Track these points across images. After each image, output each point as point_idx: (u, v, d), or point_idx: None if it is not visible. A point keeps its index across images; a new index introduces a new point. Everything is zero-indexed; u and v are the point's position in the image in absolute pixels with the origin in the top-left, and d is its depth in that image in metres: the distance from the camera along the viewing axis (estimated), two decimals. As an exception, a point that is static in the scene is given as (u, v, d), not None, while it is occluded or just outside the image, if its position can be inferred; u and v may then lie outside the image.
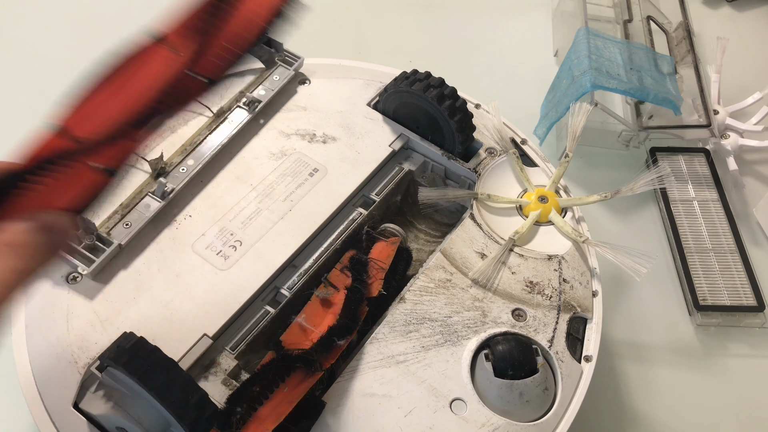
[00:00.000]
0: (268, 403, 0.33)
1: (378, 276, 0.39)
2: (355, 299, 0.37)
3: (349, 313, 0.37)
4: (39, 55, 0.66)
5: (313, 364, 0.34)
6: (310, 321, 0.37)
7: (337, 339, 0.35)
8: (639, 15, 0.63)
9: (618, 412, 0.48)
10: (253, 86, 0.49)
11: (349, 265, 0.39)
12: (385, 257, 0.40)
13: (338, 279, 0.39)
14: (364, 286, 0.38)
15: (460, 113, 0.45)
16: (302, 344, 0.35)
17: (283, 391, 0.33)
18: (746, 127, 0.59)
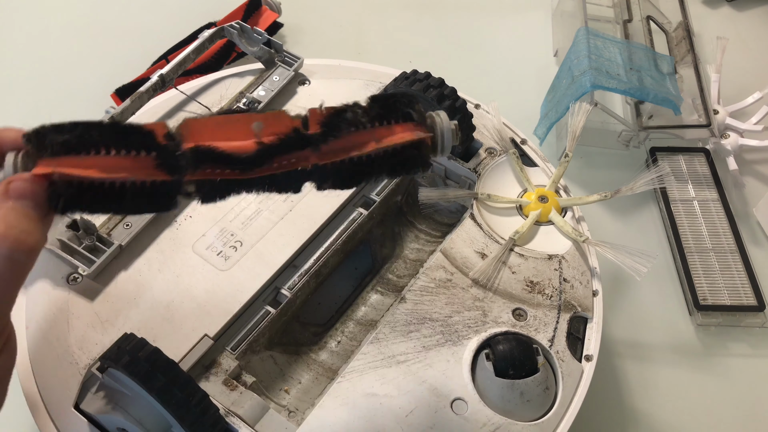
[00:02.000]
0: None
1: (352, 146, 0.28)
2: (292, 139, 0.28)
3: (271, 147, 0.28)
4: (38, 55, 0.66)
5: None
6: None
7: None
8: (639, 15, 0.63)
9: (619, 411, 0.48)
10: (252, 87, 0.49)
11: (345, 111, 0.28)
12: (391, 133, 0.29)
13: (318, 115, 0.28)
14: (320, 137, 0.28)
15: (459, 113, 0.45)
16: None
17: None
18: (746, 127, 0.59)
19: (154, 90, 0.46)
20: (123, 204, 0.26)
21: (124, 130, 0.26)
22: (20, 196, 0.24)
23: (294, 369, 0.41)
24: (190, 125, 0.27)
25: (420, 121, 0.29)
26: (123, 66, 0.62)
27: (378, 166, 0.28)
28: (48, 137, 0.25)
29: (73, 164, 0.25)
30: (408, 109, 0.28)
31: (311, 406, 0.37)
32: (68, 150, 0.25)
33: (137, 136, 0.26)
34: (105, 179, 0.25)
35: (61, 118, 0.61)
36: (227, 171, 0.27)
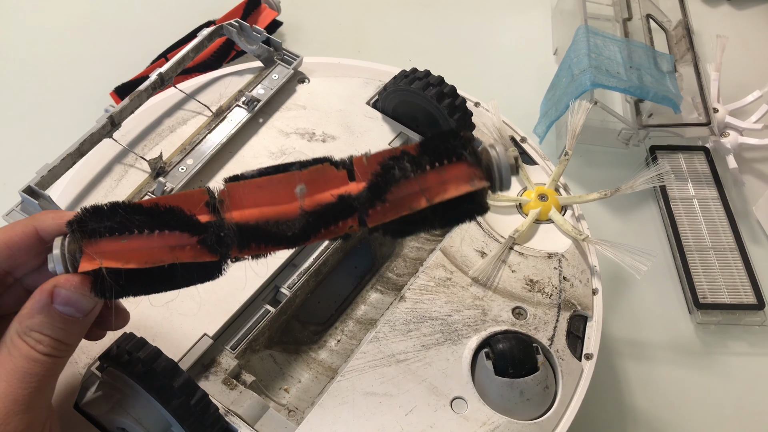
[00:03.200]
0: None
1: (401, 206, 0.26)
2: (337, 207, 0.26)
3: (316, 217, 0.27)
4: (38, 53, 0.65)
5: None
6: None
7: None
8: (638, 13, 0.63)
9: (618, 410, 0.48)
10: (252, 85, 0.49)
11: (387, 165, 0.27)
12: (443, 190, 0.26)
13: (363, 165, 0.27)
14: (366, 202, 0.26)
15: (459, 112, 0.45)
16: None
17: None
18: (746, 125, 0.59)
19: (153, 88, 0.46)
20: (173, 284, 0.26)
21: (165, 214, 0.26)
22: (65, 303, 0.26)
23: (294, 368, 0.41)
24: (231, 192, 0.26)
25: (474, 162, 0.26)
26: (122, 64, 0.62)
27: (430, 222, 0.27)
28: (90, 225, 0.26)
29: (117, 251, 0.25)
30: (461, 151, 0.26)
31: (311, 405, 0.37)
32: (112, 234, 0.25)
33: (177, 220, 0.26)
34: (149, 267, 0.25)
35: (61, 117, 0.61)
36: (274, 247, 0.26)
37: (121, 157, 0.45)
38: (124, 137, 0.46)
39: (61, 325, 0.26)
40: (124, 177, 0.44)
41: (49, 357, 0.26)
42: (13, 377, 0.25)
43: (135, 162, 0.45)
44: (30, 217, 0.28)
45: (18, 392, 0.25)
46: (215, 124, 0.47)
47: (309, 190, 0.26)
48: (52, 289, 0.26)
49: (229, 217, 0.26)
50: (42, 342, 0.26)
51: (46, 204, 0.40)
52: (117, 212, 0.26)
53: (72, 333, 0.27)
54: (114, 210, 0.26)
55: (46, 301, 0.26)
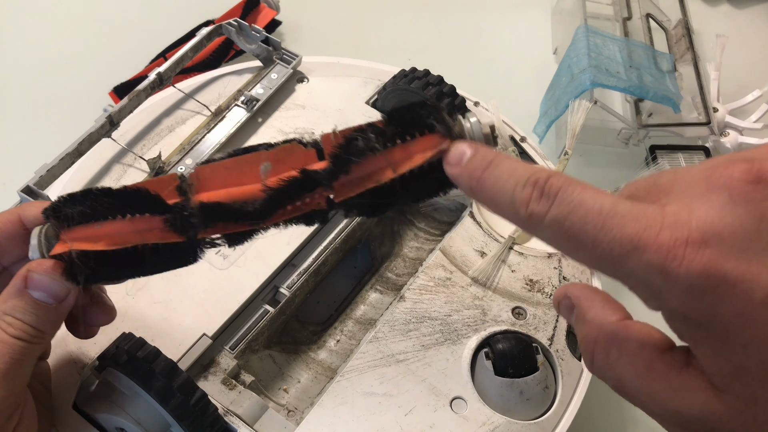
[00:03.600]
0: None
1: (367, 178, 0.25)
2: (300, 182, 0.26)
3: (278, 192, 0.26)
4: (37, 53, 0.65)
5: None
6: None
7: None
8: (638, 12, 0.63)
9: (618, 409, 0.48)
10: (251, 85, 0.49)
11: (356, 136, 0.26)
12: (409, 160, 0.25)
13: (330, 144, 0.27)
14: (329, 175, 0.26)
15: (459, 111, 0.45)
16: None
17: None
18: (746, 125, 0.59)
19: (152, 88, 0.46)
20: (144, 267, 0.26)
21: (131, 195, 0.26)
22: (37, 287, 0.26)
23: (293, 368, 0.41)
24: (199, 174, 0.26)
25: (446, 133, 0.25)
26: (121, 64, 0.62)
27: (401, 196, 0.25)
28: (63, 210, 0.26)
29: (89, 236, 0.26)
30: (430, 120, 0.25)
31: (310, 406, 0.37)
32: (85, 219, 0.26)
33: (143, 200, 0.26)
34: (118, 249, 0.25)
35: (60, 117, 0.60)
36: (239, 224, 0.26)
37: (119, 156, 0.45)
38: (123, 137, 0.46)
39: (33, 311, 0.26)
40: (123, 177, 0.44)
41: (19, 341, 0.26)
42: None
43: (134, 162, 0.45)
44: (16, 207, 0.29)
45: None
46: (214, 124, 0.47)
47: (274, 168, 0.26)
48: (26, 273, 0.26)
49: (197, 199, 0.26)
50: (13, 325, 0.26)
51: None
52: (88, 196, 0.26)
53: (45, 320, 0.27)
54: (86, 194, 0.26)
55: (20, 285, 0.26)
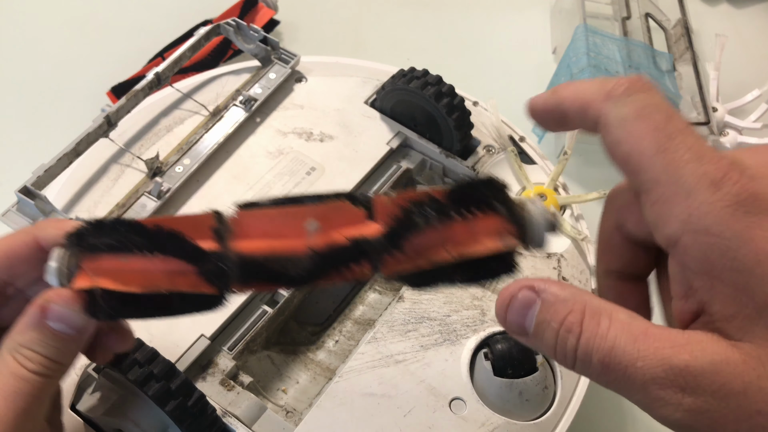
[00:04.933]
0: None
1: (420, 257, 0.24)
2: (349, 251, 0.24)
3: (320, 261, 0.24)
4: (34, 52, 0.65)
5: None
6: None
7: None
8: (637, 12, 0.63)
9: (618, 410, 0.47)
10: (249, 84, 0.49)
11: (418, 204, 0.24)
12: (469, 245, 0.24)
13: (385, 206, 0.25)
14: (381, 249, 0.24)
15: (457, 111, 0.44)
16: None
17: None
18: (745, 125, 0.59)
19: (149, 88, 0.46)
20: (170, 312, 0.25)
21: (165, 237, 0.24)
22: (56, 319, 0.25)
23: (291, 369, 0.41)
24: (240, 219, 0.24)
25: (507, 216, 0.24)
26: (119, 64, 0.62)
27: (451, 278, 0.24)
28: (88, 239, 0.24)
29: (114, 270, 0.24)
30: (493, 202, 0.24)
31: (309, 406, 0.37)
32: (111, 251, 0.24)
33: (178, 245, 0.24)
34: (145, 292, 0.24)
35: (57, 117, 0.60)
36: (276, 285, 0.24)
37: (117, 156, 0.45)
38: (121, 137, 0.45)
39: (53, 343, 0.25)
40: (120, 177, 0.44)
41: (39, 376, 0.24)
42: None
43: (132, 162, 0.45)
44: (31, 226, 0.27)
45: (3, 412, 0.24)
46: (212, 124, 0.46)
47: (321, 227, 0.24)
48: (44, 304, 0.25)
49: (234, 247, 0.24)
50: (32, 360, 0.24)
51: (43, 204, 0.40)
52: (117, 230, 0.24)
53: (65, 351, 0.25)
54: (115, 227, 0.24)
55: (38, 316, 0.25)
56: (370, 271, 0.24)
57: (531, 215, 0.24)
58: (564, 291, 0.22)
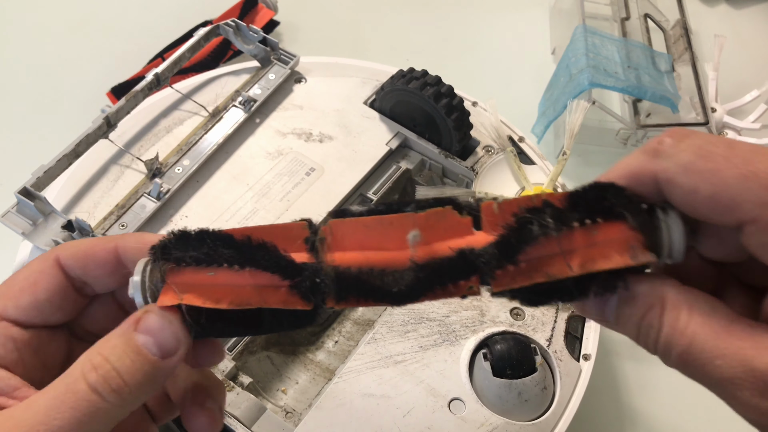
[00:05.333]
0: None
1: (536, 270, 0.22)
2: (456, 264, 0.22)
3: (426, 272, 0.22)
4: (35, 53, 0.65)
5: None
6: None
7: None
8: (636, 13, 0.63)
9: (617, 410, 0.47)
10: (248, 85, 0.49)
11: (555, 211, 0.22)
12: (592, 258, 0.21)
13: (493, 214, 0.22)
14: (492, 262, 0.22)
15: (457, 111, 0.45)
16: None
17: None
18: (744, 125, 0.59)
19: (149, 89, 0.46)
20: (261, 329, 0.23)
21: (256, 250, 0.22)
22: (147, 330, 0.22)
23: (291, 369, 0.41)
24: (334, 229, 0.22)
25: (637, 226, 0.21)
26: (119, 64, 0.62)
27: (569, 294, 0.22)
28: (174, 253, 0.22)
29: (201, 285, 0.22)
30: (621, 210, 0.21)
31: (308, 407, 0.37)
32: (198, 264, 0.22)
33: (269, 260, 0.22)
34: (235, 309, 0.22)
35: (57, 117, 0.60)
36: (374, 301, 0.22)
37: (117, 157, 0.45)
38: (120, 138, 0.45)
39: (131, 356, 0.21)
40: (120, 178, 0.44)
41: (95, 395, 0.20)
42: (43, 398, 0.21)
43: (131, 163, 0.45)
44: (114, 236, 0.25)
45: (45, 420, 0.20)
46: (212, 125, 0.46)
47: (424, 238, 0.22)
48: (140, 315, 0.22)
49: (329, 259, 0.22)
50: (98, 368, 0.21)
51: (42, 206, 0.40)
52: (204, 242, 0.22)
53: (139, 372, 0.21)
54: (201, 238, 0.23)
55: (129, 326, 0.22)
56: (479, 287, 0.22)
57: (668, 224, 0.21)
58: (642, 284, 0.21)
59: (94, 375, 0.20)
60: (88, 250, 0.24)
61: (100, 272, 0.24)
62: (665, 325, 0.20)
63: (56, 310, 0.24)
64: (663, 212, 0.21)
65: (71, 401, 0.20)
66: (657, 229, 0.21)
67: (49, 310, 0.23)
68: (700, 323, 0.20)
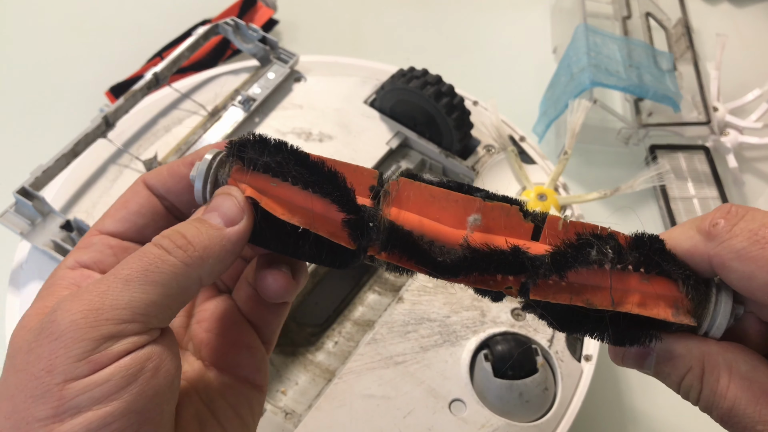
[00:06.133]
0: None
1: (579, 292, 0.22)
2: (506, 257, 0.22)
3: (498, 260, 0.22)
4: (33, 52, 0.65)
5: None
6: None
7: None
8: (638, 11, 0.63)
9: (618, 411, 0.47)
10: (248, 84, 0.48)
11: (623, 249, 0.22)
12: (637, 301, 0.22)
13: (555, 231, 0.23)
14: (541, 269, 0.22)
15: (457, 111, 0.44)
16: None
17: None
18: (746, 124, 0.59)
19: (148, 88, 0.46)
20: (297, 251, 0.23)
21: (326, 177, 0.23)
22: (212, 210, 0.23)
23: (291, 370, 0.41)
24: (402, 186, 0.23)
25: (687, 290, 0.22)
26: (117, 63, 0.62)
27: (601, 330, 0.22)
28: (249, 153, 0.23)
29: (262, 190, 0.23)
30: (676, 270, 0.22)
31: (308, 408, 0.37)
32: (264, 170, 0.23)
33: (336, 189, 0.23)
34: (289, 220, 0.22)
35: (55, 117, 0.60)
36: (415, 264, 0.22)
37: (115, 157, 0.45)
38: (119, 137, 0.45)
39: (196, 225, 0.22)
40: (119, 178, 0.44)
41: (160, 248, 0.21)
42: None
43: (130, 162, 0.44)
44: (193, 153, 0.25)
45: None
46: (211, 124, 0.46)
47: (483, 224, 0.22)
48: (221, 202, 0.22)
49: (387, 212, 0.23)
50: (165, 233, 0.21)
51: (40, 205, 0.40)
52: (281, 151, 0.23)
53: (202, 237, 0.22)
54: (279, 148, 0.23)
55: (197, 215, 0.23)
56: (517, 289, 0.22)
57: (717, 301, 0.22)
58: (680, 344, 0.21)
59: (160, 237, 0.22)
60: (168, 168, 0.25)
61: (180, 187, 0.24)
62: (705, 387, 0.21)
63: (149, 224, 0.24)
64: (717, 289, 0.22)
65: (138, 255, 0.21)
66: (706, 302, 0.22)
67: (141, 222, 0.24)
68: (740, 387, 0.20)
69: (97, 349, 0.19)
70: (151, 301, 0.20)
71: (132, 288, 0.20)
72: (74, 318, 0.19)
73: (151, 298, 0.20)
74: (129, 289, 0.20)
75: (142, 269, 0.20)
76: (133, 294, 0.20)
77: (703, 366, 0.21)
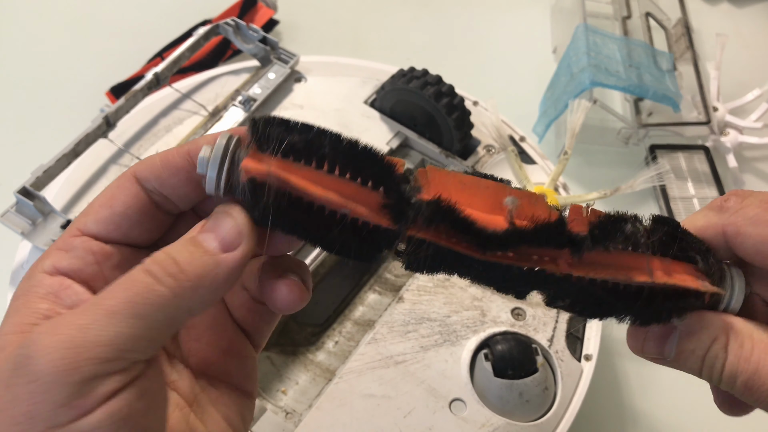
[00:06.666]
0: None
1: (620, 267, 0.22)
2: (552, 229, 0.22)
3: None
4: (34, 53, 0.65)
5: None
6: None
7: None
8: (638, 11, 0.63)
9: (618, 411, 0.47)
10: (248, 84, 0.49)
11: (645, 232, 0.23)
12: (669, 274, 0.23)
13: (581, 216, 0.23)
14: (584, 241, 0.22)
15: (457, 111, 0.44)
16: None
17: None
18: (746, 124, 0.59)
19: (148, 88, 0.46)
20: (325, 237, 0.22)
21: (360, 152, 0.21)
22: (207, 230, 0.21)
23: (291, 370, 0.41)
24: (431, 174, 0.22)
25: (706, 272, 0.23)
26: (118, 64, 0.62)
27: (638, 310, 0.22)
28: (269, 130, 0.21)
29: (287, 170, 0.21)
30: (696, 255, 0.23)
31: (308, 408, 0.37)
32: (290, 152, 0.21)
33: (373, 164, 0.21)
34: (320, 199, 0.21)
35: (56, 117, 0.60)
36: (459, 241, 0.22)
37: (116, 157, 0.45)
38: (120, 137, 0.45)
39: (189, 249, 0.20)
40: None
41: (149, 277, 0.19)
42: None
43: (130, 162, 0.45)
44: (187, 142, 0.23)
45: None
46: (211, 124, 0.46)
47: (520, 205, 0.22)
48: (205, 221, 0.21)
49: (424, 196, 0.22)
50: (156, 258, 0.20)
51: (41, 205, 0.40)
52: (311, 130, 0.21)
53: (196, 263, 0.20)
54: (306, 128, 0.21)
55: (194, 228, 0.21)
56: (566, 261, 0.22)
57: (732, 275, 0.23)
58: (703, 320, 0.22)
59: (150, 261, 0.20)
60: (162, 158, 0.22)
61: (175, 180, 0.22)
62: (730, 353, 0.22)
63: (135, 225, 0.22)
64: (728, 266, 0.23)
65: (125, 283, 0.19)
66: (723, 278, 0.23)
67: (127, 224, 0.22)
68: (764, 350, 0.21)
69: (79, 392, 0.18)
70: (137, 336, 0.19)
71: (116, 322, 0.18)
72: (52, 358, 0.18)
73: (137, 332, 0.19)
74: (113, 323, 0.18)
75: (127, 300, 0.19)
76: (117, 329, 0.18)
77: (728, 334, 0.22)
